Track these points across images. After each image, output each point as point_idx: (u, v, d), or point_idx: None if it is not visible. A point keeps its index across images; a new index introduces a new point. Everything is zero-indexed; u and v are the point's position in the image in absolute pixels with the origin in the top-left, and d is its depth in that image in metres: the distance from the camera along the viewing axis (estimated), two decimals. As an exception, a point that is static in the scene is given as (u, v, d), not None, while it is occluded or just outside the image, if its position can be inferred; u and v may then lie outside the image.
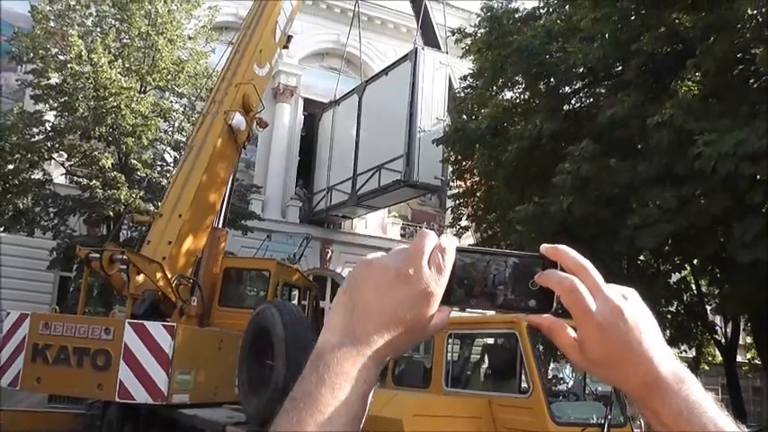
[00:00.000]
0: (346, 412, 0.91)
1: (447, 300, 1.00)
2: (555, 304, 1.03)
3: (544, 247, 1.04)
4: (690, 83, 12.98)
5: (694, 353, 19.48)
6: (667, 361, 0.99)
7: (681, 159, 10.72)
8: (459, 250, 1.02)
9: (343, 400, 0.91)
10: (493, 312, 1.09)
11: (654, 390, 0.98)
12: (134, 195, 18.86)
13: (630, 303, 1.00)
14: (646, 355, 0.98)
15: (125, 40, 21.20)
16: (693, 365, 24.22)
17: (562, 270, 1.01)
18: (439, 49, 24.45)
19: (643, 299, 1.03)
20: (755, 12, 11.06)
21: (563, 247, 1.03)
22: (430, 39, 25.56)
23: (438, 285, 0.97)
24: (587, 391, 10.25)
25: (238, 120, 14.68)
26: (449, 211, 22.77)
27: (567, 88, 15.74)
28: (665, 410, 0.97)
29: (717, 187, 10.42)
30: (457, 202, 20.81)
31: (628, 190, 11.87)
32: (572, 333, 1.03)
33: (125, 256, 12.16)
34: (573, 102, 16.02)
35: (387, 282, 0.97)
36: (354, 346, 0.94)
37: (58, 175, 21.97)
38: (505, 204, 15.97)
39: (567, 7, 16.21)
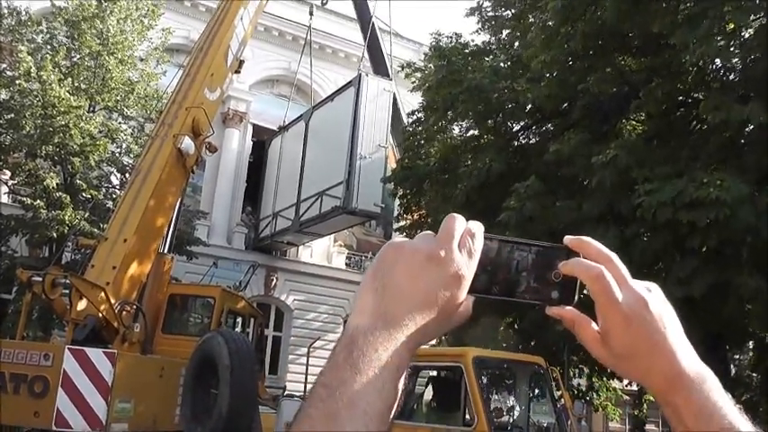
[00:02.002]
0: (382, 401, 0.88)
1: (471, 287, 0.97)
2: (577, 297, 1.03)
3: (568, 239, 1.03)
4: (634, 122, 13.40)
5: (636, 388, 19.86)
6: (690, 357, 0.99)
7: (623, 200, 11.04)
8: (485, 237, 1.01)
9: (379, 388, 0.88)
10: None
11: (676, 385, 0.98)
12: (79, 217, 18.53)
13: (655, 296, 1.00)
14: (669, 348, 0.98)
15: (75, 59, 20.91)
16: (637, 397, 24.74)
17: None
18: (390, 78, 24.58)
19: None
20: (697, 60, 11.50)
21: (587, 238, 1.03)
22: (380, 69, 25.77)
23: (468, 269, 0.95)
24: (530, 423, 10.39)
25: (187, 144, 14.56)
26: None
27: (515, 126, 16.07)
28: (686, 408, 0.97)
29: (658, 228, 10.75)
30: (404, 234, 20.88)
31: (572, 228, 12.12)
32: (595, 327, 1.02)
33: (68, 280, 11.93)
34: (521, 139, 16.34)
35: (418, 264, 0.94)
36: (387, 329, 0.91)
37: (1, 194, 21.48)
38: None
39: (515, 45, 16.62)
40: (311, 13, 28.23)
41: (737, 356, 19.64)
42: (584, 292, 1.02)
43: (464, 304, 0.97)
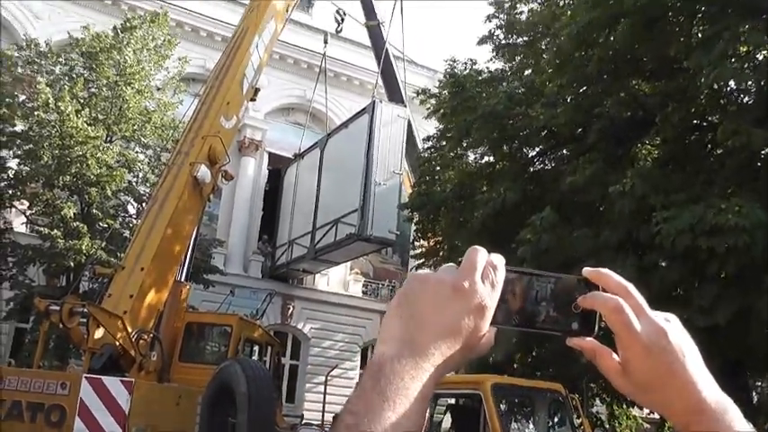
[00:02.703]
0: (409, 429, 0.89)
1: (494, 318, 1.00)
2: (597, 328, 1.04)
3: (587, 270, 1.06)
4: (650, 147, 13.34)
5: (658, 416, 19.57)
6: (710, 387, 0.99)
7: (641, 228, 10.97)
8: (507, 269, 1.03)
9: (406, 416, 0.89)
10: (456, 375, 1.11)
11: (697, 416, 0.97)
12: (96, 246, 18.63)
13: (674, 326, 1.01)
14: (690, 379, 0.98)
15: (93, 90, 21.14)
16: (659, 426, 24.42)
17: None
18: (404, 105, 24.63)
19: None
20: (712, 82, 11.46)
21: (605, 270, 1.05)
22: (394, 96, 25.86)
23: (492, 300, 0.98)
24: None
25: (203, 172, 14.62)
26: (411, 270, 22.75)
27: (530, 151, 16.03)
28: None
29: (676, 256, 10.66)
30: (420, 261, 20.85)
31: (589, 258, 12.04)
32: (616, 358, 1.03)
33: (85, 309, 11.96)
34: (536, 165, 16.30)
35: (443, 295, 0.96)
36: (413, 357, 0.92)
37: (19, 224, 21.65)
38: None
39: (529, 71, 16.64)
40: (326, 41, 28.46)
41: (759, 384, 19.35)
42: (604, 323, 1.03)
43: (486, 335, 0.99)
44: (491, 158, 17.06)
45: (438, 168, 18.31)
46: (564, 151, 15.71)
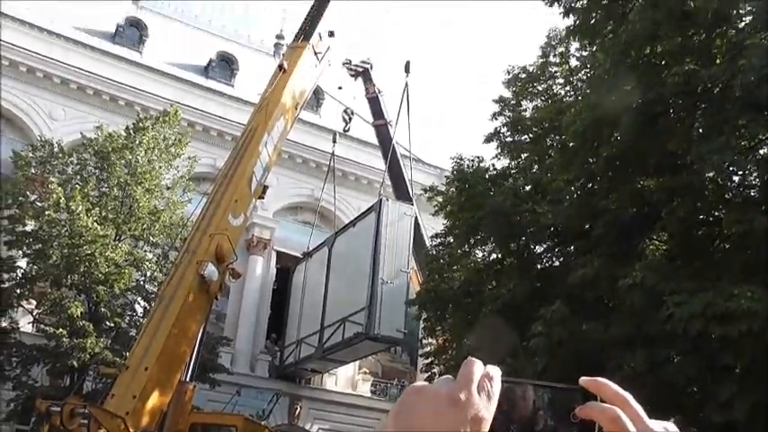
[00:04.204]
0: None
1: (491, 428, 1.00)
2: None
3: (584, 380, 1.07)
4: (657, 242, 13.30)
5: None
6: None
7: (651, 321, 10.82)
8: (503, 380, 1.05)
9: None
10: None
11: None
12: (101, 345, 18.48)
13: None
14: None
15: (104, 189, 21.41)
16: None
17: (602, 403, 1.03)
18: (412, 203, 24.80)
19: None
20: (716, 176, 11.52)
21: (603, 379, 1.06)
22: (402, 194, 26.07)
23: (488, 411, 0.99)
24: None
25: (211, 270, 14.61)
26: (421, 369, 22.42)
27: (537, 248, 16.01)
28: None
29: (688, 348, 10.48)
30: (428, 359, 20.54)
31: (600, 352, 11.86)
32: None
33: (87, 410, 11.76)
34: (544, 261, 16.25)
35: (440, 407, 0.98)
36: None
37: (25, 324, 21.56)
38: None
39: (534, 168, 16.79)
40: (334, 140, 28.93)
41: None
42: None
43: None
44: (498, 255, 17.02)
45: (446, 265, 18.25)
46: (571, 247, 15.69)
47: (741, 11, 11.68)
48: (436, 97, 75.91)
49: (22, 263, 20.86)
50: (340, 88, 28.62)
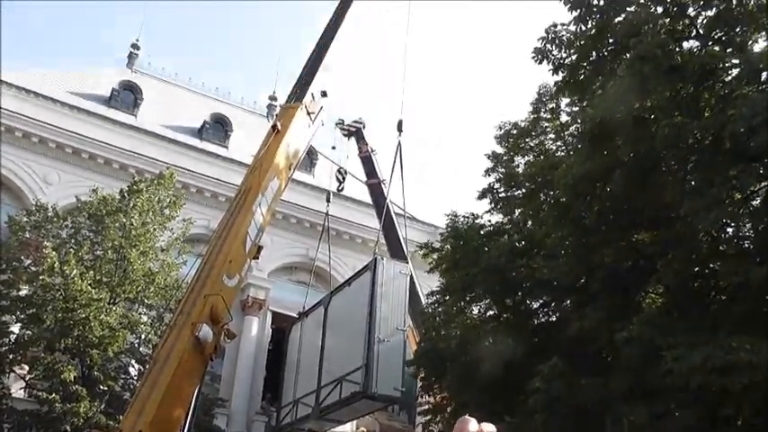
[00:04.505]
0: None
1: None
2: None
3: None
4: (654, 295, 13.28)
5: None
6: None
7: (650, 374, 10.75)
8: None
9: None
10: None
11: None
12: (95, 409, 18.23)
13: None
14: None
15: (98, 252, 21.35)
16: None
17: None
18: (406, 261, 24.76)
19: None
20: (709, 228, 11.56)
21: None
22: (396, 252, 26.05)
23: None
24: None
25: (205, 331, 14.48)
26: (419, 427, 22.13)
27: (533, 303, 15.97)
28: None
29: (689, 401, 10.39)
30: (427, 417, 20.30)
31: (600, 405, 11.75)
32: None
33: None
34: (540, 316, 16.20)
35: None
36: None
37: (17, 389, 21.28)
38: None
39: (529, 224, 16.83)
40: (328, 200, 28.99)
41: None
42: None
43: None
44: (495, 311, 16.97)
45: (442, 323, 18.16)
46: (568, 302, 15.65)
47: (727, 64, 11.88)
48: (428, 152, 76.50)
49: (15, 328, 20.68)
50: (333, 148, 28.84)
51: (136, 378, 20.42)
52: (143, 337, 21.49)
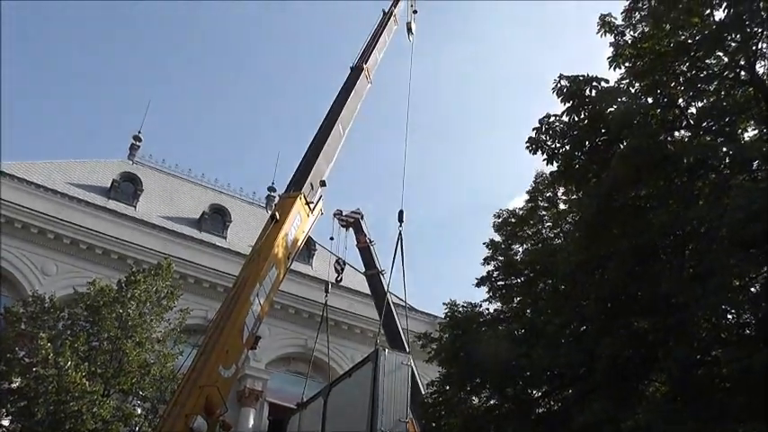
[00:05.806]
0: None
1: None
2: None
3: None
4: (657, 383, 13.10)
5: None
6: None
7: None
8: None
9: None
10: None
11: None
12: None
13: None
14: None
15: (94, 343, 21.09)
16: None
17: None
18: (406, 352, 24.53)
19: None
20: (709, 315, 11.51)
21: None
22: (396, 343, 25.83)
23: None
24: None
25: (200, 423, 14.16)
26: None
27: (535, 392, 15.75)
28: None
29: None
30: None
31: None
32: None
33: None
34: (542, 405, 15.95)
35: None
36: None
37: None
38: None
39: (528, 312, 16.74)
40: (327, 291, 28.86)
41: None
42: None
43: None
44: (496, 401, 16.71)
45: (442, 413, 17.87)
46: (569, 391, 15.43)
47: (720, 153, 12.04)
48: (426, 243, 76.76)
49: (6, 421, 20.25)
50: (332, 239, 28.88)
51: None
52: (137, 429, 21.04)
